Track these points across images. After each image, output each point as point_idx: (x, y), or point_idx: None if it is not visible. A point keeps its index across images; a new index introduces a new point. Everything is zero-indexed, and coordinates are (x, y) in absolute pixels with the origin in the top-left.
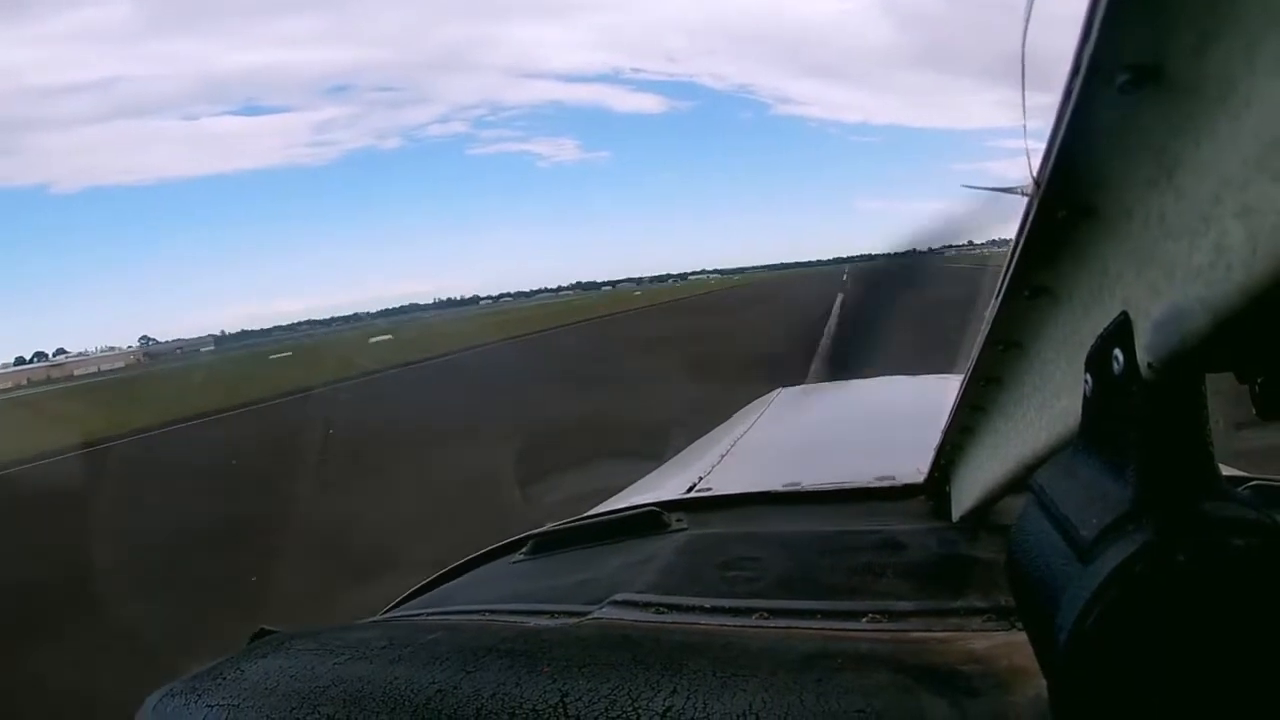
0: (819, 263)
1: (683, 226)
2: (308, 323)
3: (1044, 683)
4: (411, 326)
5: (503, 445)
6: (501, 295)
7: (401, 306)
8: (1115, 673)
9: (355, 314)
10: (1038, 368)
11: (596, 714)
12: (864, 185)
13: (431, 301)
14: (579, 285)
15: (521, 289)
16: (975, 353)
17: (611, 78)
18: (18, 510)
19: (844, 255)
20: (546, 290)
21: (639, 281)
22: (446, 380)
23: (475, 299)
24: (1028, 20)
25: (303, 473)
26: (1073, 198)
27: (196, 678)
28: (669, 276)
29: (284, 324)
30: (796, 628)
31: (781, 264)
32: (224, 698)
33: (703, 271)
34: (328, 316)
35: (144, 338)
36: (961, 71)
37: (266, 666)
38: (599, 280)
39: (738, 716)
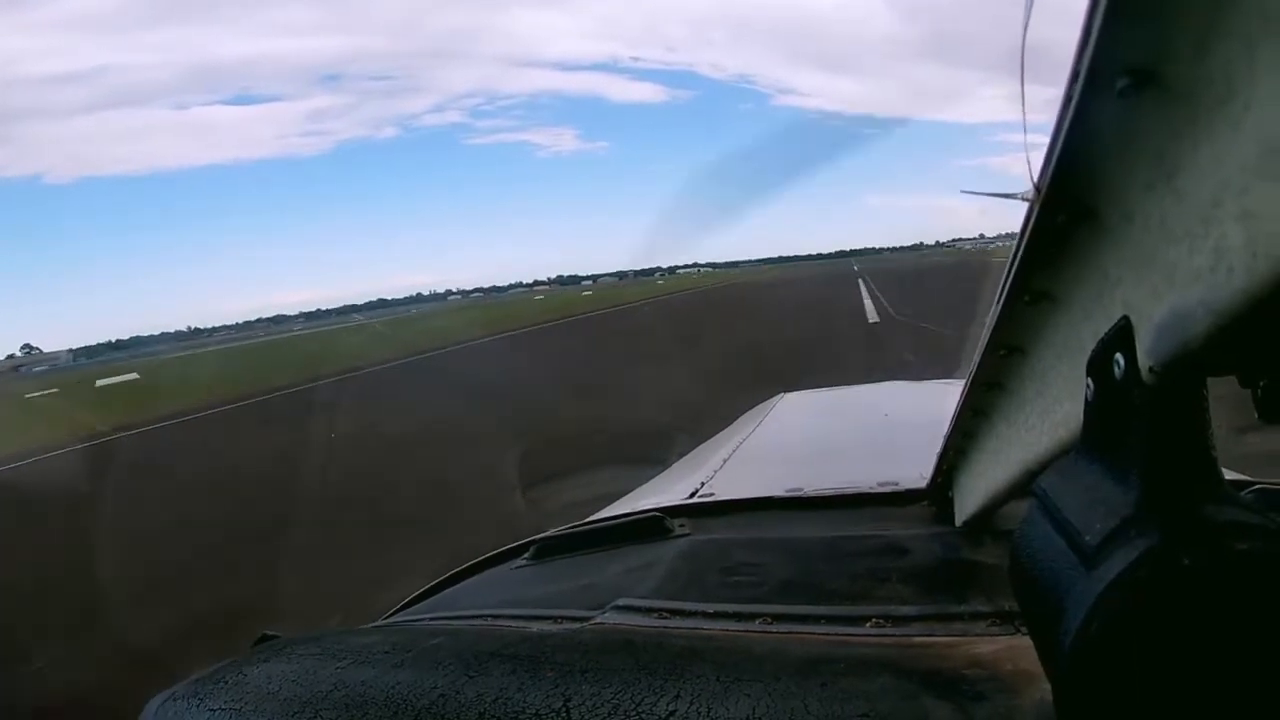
0: (819, 256)
1: (678, 218)
2: (266, 320)
3: (1048, 687)
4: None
5: None
6: (474, 290)
7: (369, 303)
8: (1119, 677)
9: (320, 310)
10: (1039, 372)
11: (599, 719)
12: (866, 178)
13: (410, 296)
14: (558, 280)
15: (497, 283)
16: (977, 358)
17: (610, 66)
18: None
19: (846, 249)
20: (521, 285)
21: (622, 275)
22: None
23: (447, 294)
24: (1026, 28)
25: None
26: (1073, 202)
27: (198, 682)
28: (657, 270)
29: (251, 320)
30: (799, 633)
31: (779, 258)
32: (226, 702)
33: (694, 265)
34: (296, 312)
35: (25, 346)
36: (968, 64)
37: (269, 671)
38: (581, 275)
39: None
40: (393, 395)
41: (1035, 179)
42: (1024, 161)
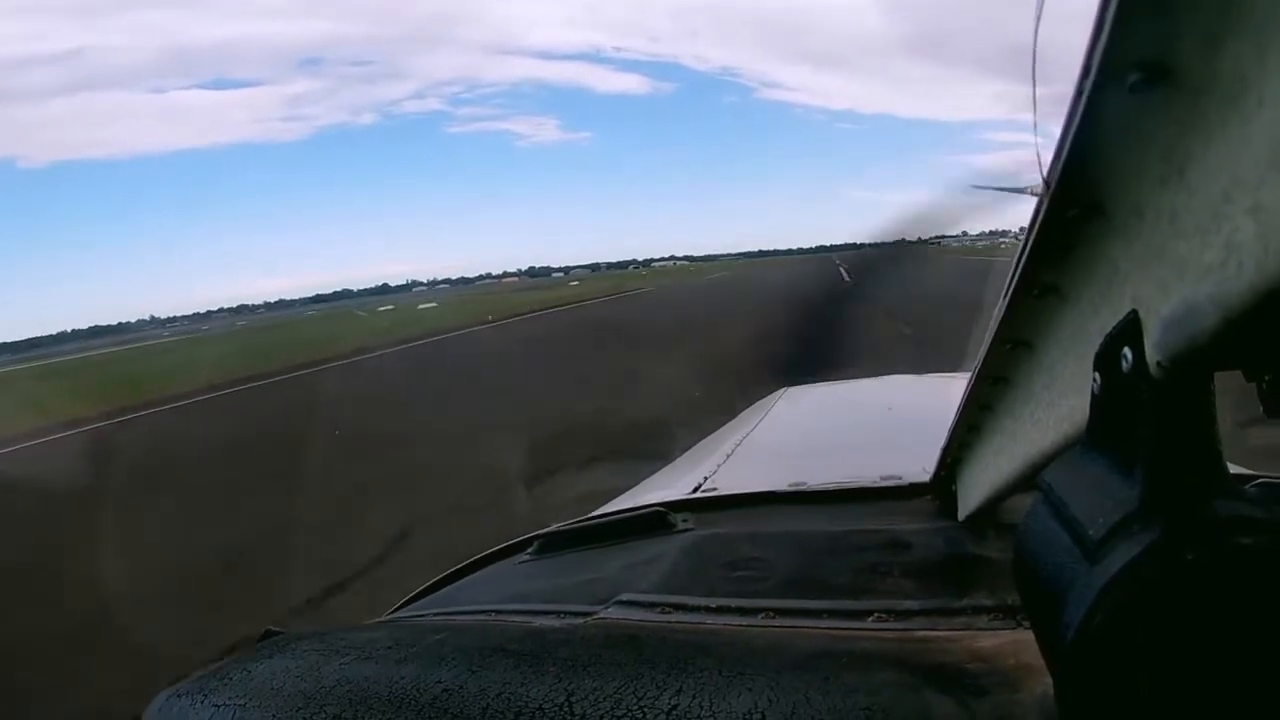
0: (800, 251)
1: (658, 211)
2: (229, 310)
3: (1050, 681)
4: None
5: None
6: (442, 281)
7: (335, 293)
8: (1122, 671)
9: (283, 300)
10: (1046, 366)
11: (602, 714)
12: (849, 174)
13: (376, 287)
14: (529, 272)
15: (466, 275)
16: (983, 351)
17: (593, 56)
18: None
19: (827, 244)
20: (490, 276)
21: (594, 268)
22: None
23: (411, 285)
24: (1039, 19)
25: None
26: (1083, 197)
27: (203, 678)
28: (632, 263)
29: (213, 309)
30: (802, 627)
31: (759, 251)
32: (231, 698)
33: (671, 258)
34: (260, 302)
35: None
36: (954, 62)
37: (273, 667)
38: (553, 267)
39: (743, 716)
40: None
41: (1045, 173)
42: (1018, 160)
